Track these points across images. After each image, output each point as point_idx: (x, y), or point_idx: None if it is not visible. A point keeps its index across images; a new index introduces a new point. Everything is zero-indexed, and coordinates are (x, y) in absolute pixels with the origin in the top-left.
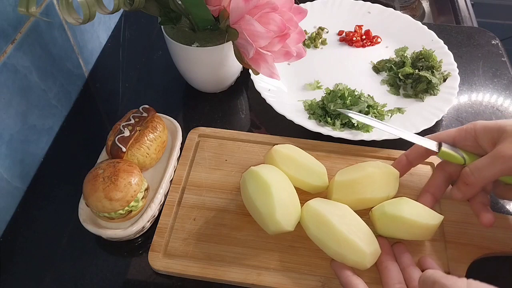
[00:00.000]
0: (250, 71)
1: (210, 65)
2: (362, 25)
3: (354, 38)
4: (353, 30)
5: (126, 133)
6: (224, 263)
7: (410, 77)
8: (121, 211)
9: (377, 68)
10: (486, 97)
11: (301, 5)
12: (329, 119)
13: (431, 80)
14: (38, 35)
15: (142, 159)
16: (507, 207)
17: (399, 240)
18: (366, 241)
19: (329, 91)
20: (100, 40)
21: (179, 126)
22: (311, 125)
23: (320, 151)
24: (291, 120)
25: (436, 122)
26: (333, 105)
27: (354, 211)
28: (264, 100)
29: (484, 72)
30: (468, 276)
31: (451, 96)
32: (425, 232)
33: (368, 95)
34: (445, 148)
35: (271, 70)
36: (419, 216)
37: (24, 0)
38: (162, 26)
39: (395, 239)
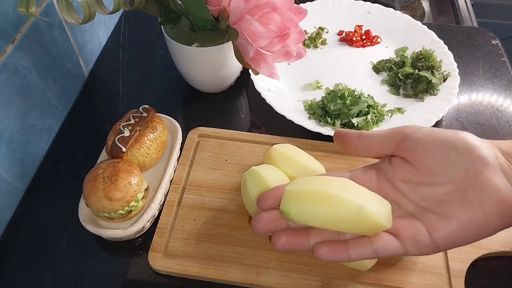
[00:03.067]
0: (250, 71)
1: (210, 65)
2: (362, 25)
3: (354, 38)
4: (353, 30)
5: (126, 133)
6: (224, 263)
7: (410, 77)
8: (121, 211)
9: (377, 68)
10: (486, 97)
11: (301, 5)
12: (329, 119)
13: (431, 80)
14: (38, 35)
15: (142, 159)
16: None
17: None
18: None
19: (329, 91)
20: (100, 40)
21: (179, 126)
22: (311, 125)
23: (320, 151)
24: (291, 120)
25: (436, 122)
26: (333, 105)
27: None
28: (264, 100)
29: (484, 72)
30: (468, 276)
31: (451, 96)
32: None
33: (368, 95)
34: None
35: (271, 70)
36: None
37: (24, 0)
38: (162, 26)
39: None
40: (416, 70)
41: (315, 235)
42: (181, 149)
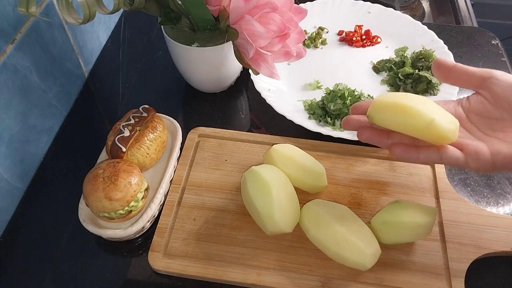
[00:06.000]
0: (250, 71)
1: (210, 65)
2: (362, 25)
3: (354, 38)
4: (353, 30)
5: (126, 133)
6: (224, 263)
7: (410, 77)
8: (121, 211)
9: (377, 68)
10: None
11: (301, 5)
12: (329, 119)
13: (431, 80)
14: (38, 35)
15: (142, 159)
16: (507, 207)
17: (403, 244)
18: (366, 242)
19: (329, 91)
20: (100, 40)
21: (179, 126)
22: (311, 125)
23: (320, 151)
24: (291, 120)
25: None
26: (333, 105)
27: None
28: (264, 100)
29: None
30: (468, 276)
31: (451, 96)
32: (426, 230)
33: (368, 95)
34: None
35: (271, 70)
36: (417, 216)
37: (24, 0)
38: (162, 26)
39: (399, 244)
40: (416, 70)
41: (393, 137)
42: (181, 149)
